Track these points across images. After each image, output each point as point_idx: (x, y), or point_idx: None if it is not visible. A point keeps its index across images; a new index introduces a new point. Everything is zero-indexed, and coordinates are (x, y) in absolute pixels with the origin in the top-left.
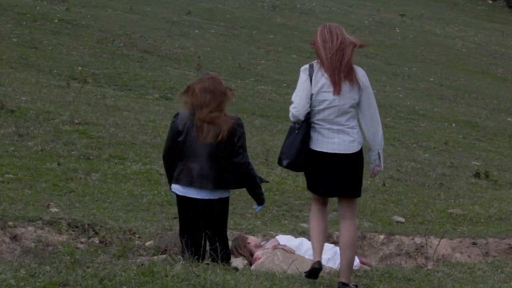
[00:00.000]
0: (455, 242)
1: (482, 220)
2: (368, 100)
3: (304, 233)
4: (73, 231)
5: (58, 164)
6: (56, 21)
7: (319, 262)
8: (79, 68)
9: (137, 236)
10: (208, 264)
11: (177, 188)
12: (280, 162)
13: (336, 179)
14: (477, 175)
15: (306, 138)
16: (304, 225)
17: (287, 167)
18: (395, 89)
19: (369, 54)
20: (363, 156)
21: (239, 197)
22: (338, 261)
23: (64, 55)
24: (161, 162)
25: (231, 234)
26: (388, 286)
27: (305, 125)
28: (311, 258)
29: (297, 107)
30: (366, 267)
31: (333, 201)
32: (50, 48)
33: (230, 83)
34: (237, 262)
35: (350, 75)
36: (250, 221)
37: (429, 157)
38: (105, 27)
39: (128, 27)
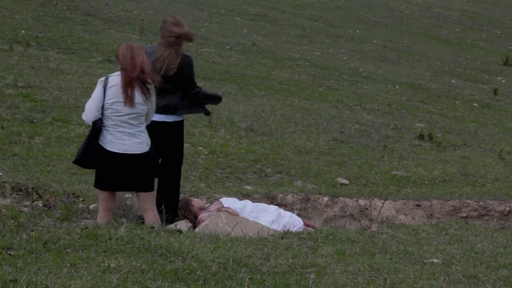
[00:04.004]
0: (399, 204)
1: (426, 182)
2: (153, 111)
3: (248, 196)
4: (17, 194)
5: (2, 127)
6: None
7: None
8: (22, 31)
9: (81, 199)
10: (153, 227)
11: None
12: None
13: (126, 175)
14: (420, 137)
15: (93, 139)
16: (248, 187)
17: (75, 163)
18: (339, 51)
19: (312, 16)
20: (150, 156)
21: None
22: (282, 223)
23: (7, 18)
24: None
25: None
26: (332, 248)
27: (93, 128)
28: (255, 220)
29: (87, 114)
30: (310, 229)
31: (278, 163)
32: None
33: None
34: (181, 224)
35: (144, 91)
36: (194, 183)
37: (372, 119)
38: None
39: None
